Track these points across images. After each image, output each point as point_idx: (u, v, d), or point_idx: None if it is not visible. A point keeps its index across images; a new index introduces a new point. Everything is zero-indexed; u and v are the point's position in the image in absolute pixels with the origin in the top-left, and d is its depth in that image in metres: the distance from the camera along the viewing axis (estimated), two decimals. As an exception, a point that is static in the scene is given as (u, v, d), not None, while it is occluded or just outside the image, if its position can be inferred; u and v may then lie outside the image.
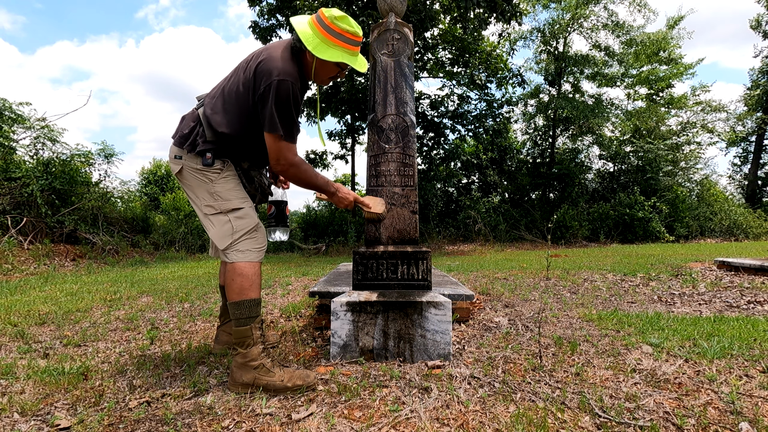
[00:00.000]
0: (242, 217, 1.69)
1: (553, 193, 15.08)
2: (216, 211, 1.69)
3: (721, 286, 3.69)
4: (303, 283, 4.37)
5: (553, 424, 1.33)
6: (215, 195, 1.69)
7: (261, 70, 1.60)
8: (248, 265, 1.66)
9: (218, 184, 1.69)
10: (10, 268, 5.96)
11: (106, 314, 3.02)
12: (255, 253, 1.69)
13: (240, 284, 1.64)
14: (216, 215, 1.69)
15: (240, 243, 1.67)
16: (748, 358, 1.81)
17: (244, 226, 1.68)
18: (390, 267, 2.06)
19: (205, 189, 1.69)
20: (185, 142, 1.69)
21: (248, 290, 1.64)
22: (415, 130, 2.24)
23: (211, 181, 1.69)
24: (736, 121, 17.57)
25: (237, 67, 1.75)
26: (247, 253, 1.67)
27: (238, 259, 1.66)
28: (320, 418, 1.40)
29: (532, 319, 2.60)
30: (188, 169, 1.70)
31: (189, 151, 1.69)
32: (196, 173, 1.69)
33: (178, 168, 1.72)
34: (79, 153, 8.55)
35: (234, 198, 1.70)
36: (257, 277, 1.68)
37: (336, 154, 13.45)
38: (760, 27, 17.52)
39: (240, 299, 1.63)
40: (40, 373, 1.81)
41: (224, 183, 1.70)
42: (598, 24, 14.37)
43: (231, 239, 1.66)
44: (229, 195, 1.70)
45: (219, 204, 1.68)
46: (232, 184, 1.72)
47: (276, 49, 1.65)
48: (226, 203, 1.68)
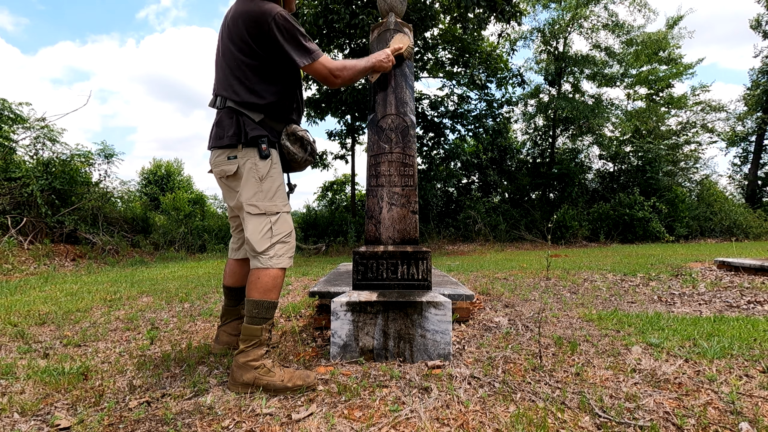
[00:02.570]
0: (282, 222, 1.72)
1: (553, 193, 15.08)
2: (260, 211, 1.69)
3: (721, 286, 3.69)
4: (303, 283, 4.37)
5: (553, 424, 1.33)
6: (262, 194, 1.69)
7: (250, 22, 1.64)
8: (278, 269, 1.69)
9: (266, 182, 1.70)
10: (10, 268, 5.96)
11: (106, 314, 3.02)
12: (287, 259, 1.72)
13: (265, 284, 1.66)
14: (258, 216, 1.69)
15: (275, 247, 1.69)
16: (748, 358, 1.81)
17: (283, 230, 1.71)
18: (390, 267, 2.06)
19: (253, 187, 1.69)
20: (238, 138, 1.68)
21: (270, 292, 1.67)
22: (415, 130, 2.24)
23: (260, 179, 1.69)
24: (736, 121, 17.59)
25: (221, 45, 1.76)
26: (281, 259, 1.70)
27: (272, 264, 1.68)
28: (320, 418, 1.40)
29: (532, 319, 2.60)
30: (245, 167, 1.69)
31: (245, 144, 1.68)
32: (251, 170, 1.69)
33: (233, 169, 1.70)
34: (79, 153, 8.55)
35: (278, 200, 1.72)
36: (281, 280, 1.71)
37: (336, 154, 13.45)
38: (760, 27, 17.51)
39: (260, 299, 1.65)
40: (40, 373, 1.81)
41: (271, 181, 1.71)
42: (598, 24, 14.37)
43: (269, 242, 1.68)
44: (274, 196, 1.71)
45: (264, 205, 1.69)
46: (278, 182, 1.74)
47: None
48: (271, 205, 1.70)
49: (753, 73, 18.05)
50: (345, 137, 13.26)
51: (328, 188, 15.50)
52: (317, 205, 12.80)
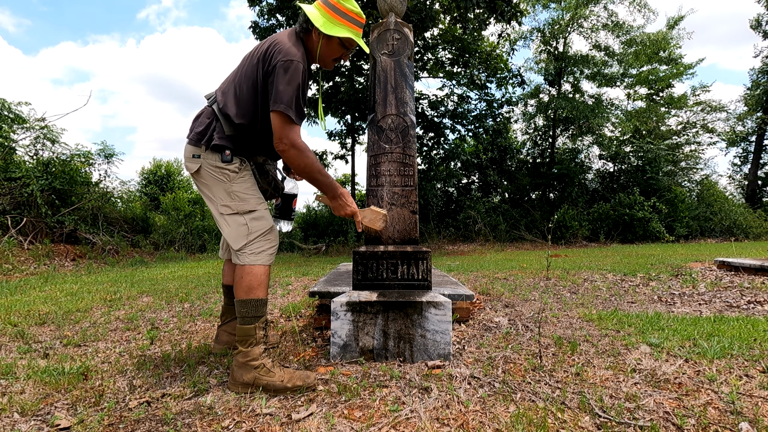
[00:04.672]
0: (258, 219, 1.71)
1: (553, 193, 15.08)
2: (233, 211, 1.69)
3: (721, 286, 3.69)
4: (303, 283, 4.37)
5: (553, 424, 1.33)
6: (233, 194, 1.70)
7: (268, 54, 1.63)
8: (259, 266, 1.69)
9: (236, 183, 1.70)
10: (10, 268, 5.96)
11: (106, 314, 3.02)
12: (267, 255, 1.71)
13: (249, 283, 1.66)
14: (232, 216, 1.70)
15: (254, 244, 1.69)
16: (748, 358, 1.81)
17: (260, 227, 1.70)
18: (390, 267, 2.06)
19: (222, 188, 1.70)
20: (202, 139, 1.69)
21: (256, 289, 1.66)
22: (415, 130, 2.24)
23: (229, 180, 1.69)
24: (736, 121, 17.58)
25: (243, 59, 1.77)
26: (261, 255, 1.69)
27: (251, 261, 1.68)
28: (320, 418, 1.40)
29: (532, 319, 2.60)
30: (207, 167, 1.70)
31: (207, 147, 1.69)
32: (214, 171, 1.69)
33: (196, 167, 1.71)
34: (78, 153, 8.56)
35: (251, 198, 1.72)
36: (266, 277, 1.70)
37: (336, 154, 13.45)
38: (760, 27, 17.51)
39: (247, 298, 1.65)
40: (40, 373, 1.81)
41: (242, 182, 1.71)
42: (598, 24, 14.37)
43: (246, 240, 1.68)
44: (246, 195, 1.71)
45: (236, 204, 1.69)
46: (249, 183, 1.74)
47: (281, 35, 1.70)
48: (244, 204, 1.70)
49: (753, 73, 18.06)
50: (345, 137, 13.25)
51: (328, 188, 15.46)
52: (317, 205, 12.80)
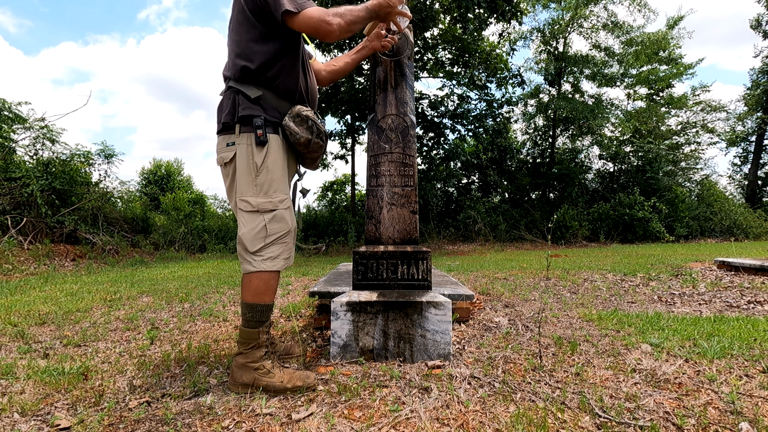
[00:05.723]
0: (278, 220, 1.57)
1: (553, 193, 15.08)
2: (252, 208, 1.55)
3: (721, 286, 3.69)
4: (303, 283, 4.37)
5: (553, 424, 1.33)
6: (256, 188, 1.56)
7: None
8: (271, 272, 1.58)
9: (261, 174, 1.56)
10: (10, 268, 5.96)
11: (106, 314, 3.02)
12: (282, 261, 1.59)
13: (257, 287, 1.57)
14: (251, 213, 1.56)
15: (270, 248, 1.56)
16: (748, 358, 1.81)
17: (279, 230, 1.58)
18: (390, 267, 2.06)
19: (246, 180, 1.56)
20: (233, 118, 1.57)
21: (263, 295, 1.59)
22: (415, 130, 2.23)
23: (255, 170, 1.55)
24: (736, 121, 17.60)
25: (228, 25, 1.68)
26: (275, 261, 1.57)
27: (265, 267, 1.55)
28: (320, 418, 1.40)
29: (532, 319, 2.60)
30: (241, 152, 1.56)
31: (241, 125, 1.56)
32: (246, 158, 1.55)
33: (230, 155, 1.57)
34: (78, 153, 8.57)
35: (275, 195, 1.57)
36: (275, 282, 1.61)
37: (336, 154, 13.46)
38: (760, 27, 17.52)
39: (254, 302, 1.58)
40: (40, 373, 1.81)
41: (266, 173, 1.57)
42: (598, 24, 14.38)
43: (263, 242, 1.55)
44: (270, 190, 1.56)
45: (257, 201, 1.55)
46: (276, 175, 1.58)
47: None
48: (265, 202, 1.56)
49: (753, 73, 18.07)
50: (345, 137, 13.26)
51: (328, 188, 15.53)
52: (317, 205, 12.85)
